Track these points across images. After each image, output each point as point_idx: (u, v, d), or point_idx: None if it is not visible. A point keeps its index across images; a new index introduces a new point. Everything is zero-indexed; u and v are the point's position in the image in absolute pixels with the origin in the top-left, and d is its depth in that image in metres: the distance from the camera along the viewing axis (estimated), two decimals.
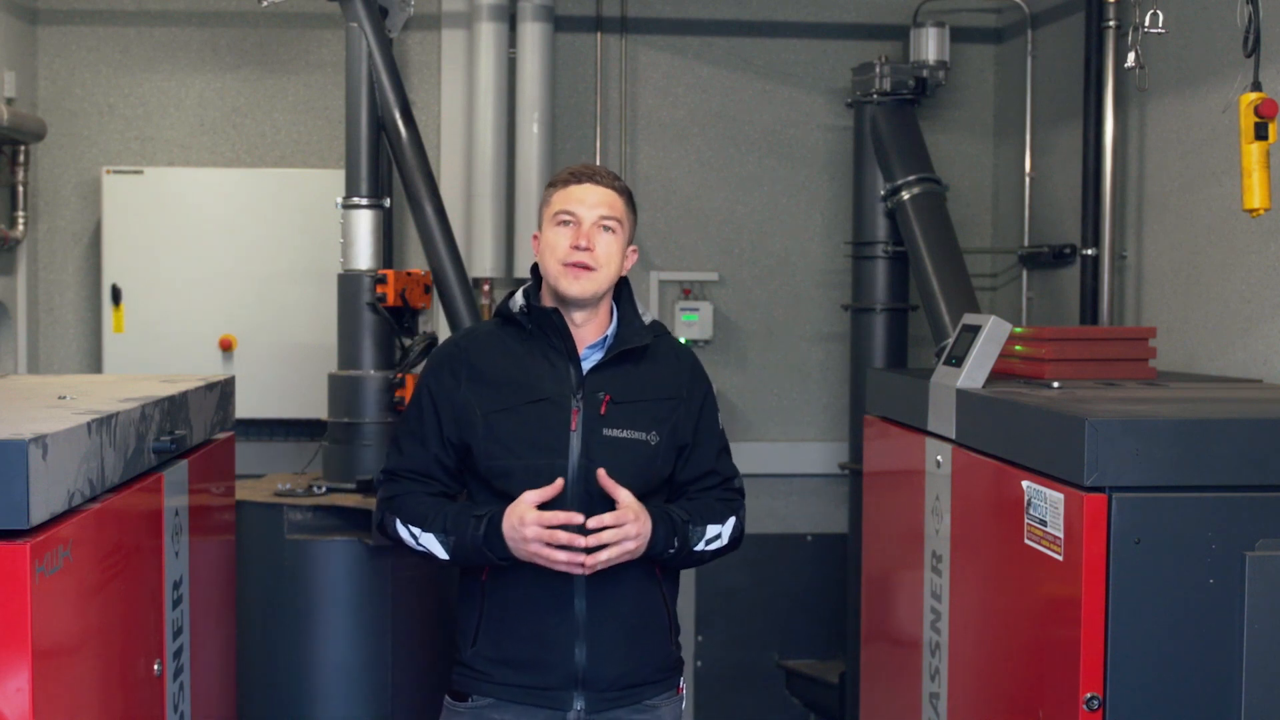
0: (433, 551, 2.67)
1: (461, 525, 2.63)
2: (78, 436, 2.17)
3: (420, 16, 5.13)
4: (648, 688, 2.76)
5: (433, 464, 2.74)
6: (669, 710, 2.81)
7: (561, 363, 2.72)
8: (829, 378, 5.55)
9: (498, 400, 2.69)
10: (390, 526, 2.74)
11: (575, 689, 2.68)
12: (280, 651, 4.05)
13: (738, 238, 5.52)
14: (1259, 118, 3.00)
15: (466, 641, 2.75)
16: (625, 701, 2.72)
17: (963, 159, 5.54)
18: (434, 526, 2.66)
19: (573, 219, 2.68)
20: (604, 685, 2.69)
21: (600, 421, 2.68)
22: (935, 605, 3.21)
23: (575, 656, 2.67)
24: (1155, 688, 2.42)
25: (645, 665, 2.75)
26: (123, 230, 5.08)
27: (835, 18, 5.51)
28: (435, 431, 2.73)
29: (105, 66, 5.28)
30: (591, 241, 2.67)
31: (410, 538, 2.69)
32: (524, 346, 2.74)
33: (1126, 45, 3.62)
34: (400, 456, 2.78)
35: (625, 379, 2.74)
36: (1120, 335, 3.68)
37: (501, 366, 2.73)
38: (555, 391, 2.69)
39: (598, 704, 2.69)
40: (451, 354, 2.78)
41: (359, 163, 4.26)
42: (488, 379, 2.72)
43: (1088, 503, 2.41)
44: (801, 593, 5.54)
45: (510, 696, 2.70)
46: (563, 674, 2.68)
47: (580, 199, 2.69)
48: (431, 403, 2.74)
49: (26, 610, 1.93)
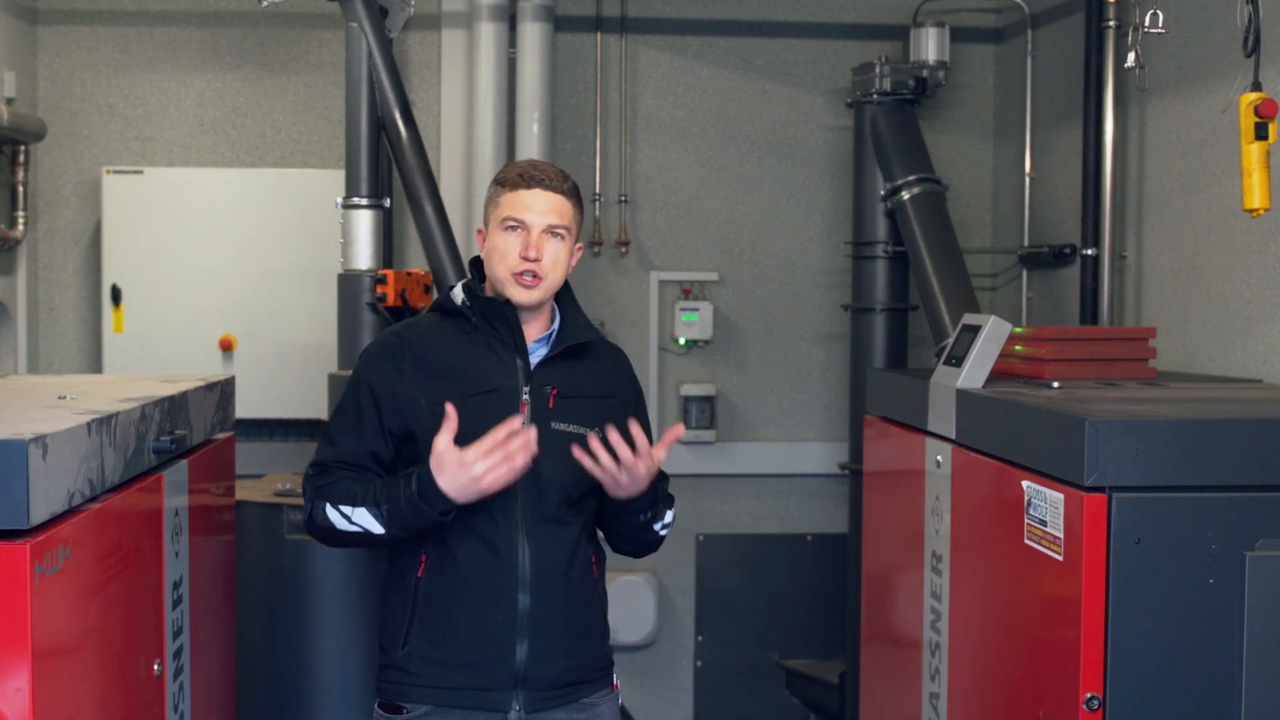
0: (367, 528, 2.58)
1: (392, 490, 2.56)
2: (78, 436, 2.18)
3: (420, 16, 5.13)
4: (584, 686, 2.72)
5: (365, 456, 2.66)
6: (608, 707, 2.78)
7: (508, 355, 2.69)
8: (829, 378, 5.55)
9: (444, 391, 2.63)
10: (320, 514, 2.63)
11: (514, 689, 2.63)
12: (280, 651, 4.05)
13: (738, 238, 5.52)
14: (1259, 118, 3.00)
15: (396, 642, 2.67)
16: (564, 700, 2.68)
17: (963, 159, 5.54)
18: (365, 501, 2.57)
19: (521, 225, 2.66)
20: (544, 684, 2.65)
21: (548, 414, 2.67)
22: (935, 605, 3.22)
23: (516, 655, 2.62)
24: (1155, 688, 2.42)
25: (584, 664, 2.72)
26: (123, 230, 5.08)
27: (835, 18, 5.51)
28: (374, 423, 2.66)
29: (105, 66, 5.28)
30: (540, 250, 2.66)
31: (342, 519, 2.59)
32: (468, 339, 2.70)
33: (1126, 45, 3.62)
34: (331, 449, 2.69)
35: (570, 374, 2.73)
36: (1120, 335, 3.68)
37: (446, 357, 2.68)
38: (503, 383, 2.67)
39: (536, 704, 2.65)
40: (392, 344, 2.72)
41: (359, 163, 4.26)
42: (432, 369, 2.67)
43: (1088, 503, 2.41)
44: (801, 593, 5.54)
45: (448, 700, 2.63)
46: (503, 673, 2.62)
47: (529, 205, 2.66)
48: (371, 395, 2.67)
49: (26, 610, 1.93)
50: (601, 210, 5.41)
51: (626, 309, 5.47)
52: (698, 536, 5.53)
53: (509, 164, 2.79)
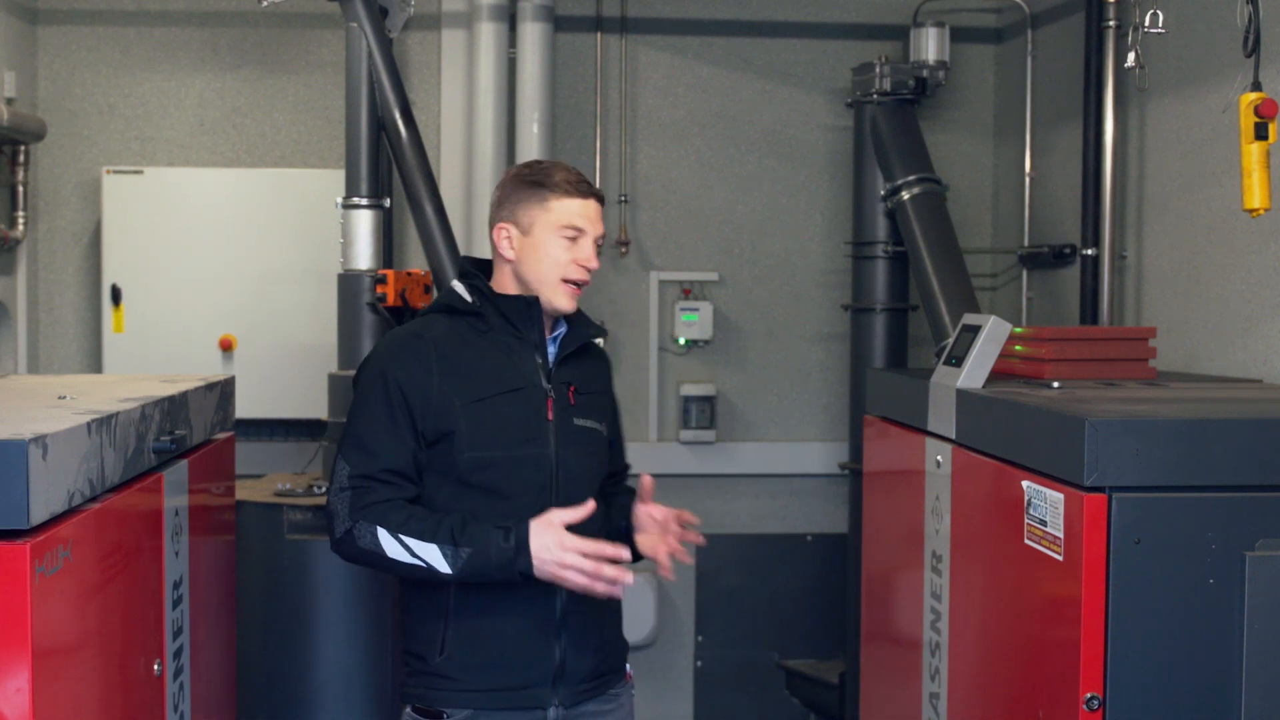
0: (433, 565, 2.51)
1: (480, 539, 2.50)
2: (78, 436, 2.17)
3: (420, 16, 5.13)
4: (611, 676, 2.76)
5: (410, 463, 2.60)
6: (626, 697, 2.83)
7: (527, 353, 2.69)
8: (829, 378, 5.55)
9: (474, 390, 2.62)
10: (366, 536, 2.54)
11: (554, 685, 2.64)
12: (280, 651, 4.05)
13: (738, 238, 5.53)
14: (1259, 118, 3.00)
15: (432, 649, 2.64)
16: (596, 693, 2.71)
17: (963, 159, 5.54)
18: (439, 538, 2.50)
19: (579, 235, 2.67)
20: (580, 677, 2.67)
21: (570, 411, 2.70)
22: (935, 605, 3.21)
23: (554, 650, 2.64)
24: (1155, 688, 2.42)
25: (612, 655, 2.76)
26: (123, 230, 5.08)
27: (835, 18, 5.51)
28: (409, 427, 2.60)
29: (105, 66, 5.28)
30: (595, 262, 2.70)
31: (401, 549, 2.52)
32: (484, 339, 2.69)
33: (1126, 45, 3.62)
34: (371, 457, 2.58)
35: (581, 371, 2.77)
36: (1120, 335, 3.68)
37: (469, 357, 2.66)
38: (528, 381, 2.68)
39: (573, 698, 2.67)
40: (413, 344, 2.66)
41: (359, 163, 4.26)
42: (460, 369, 2.64)
43: (1088, 503, 2.41)
44: (801, 593, 5.54)
45: (489, 703, 2.62)
46: (542, 670, 2.63)
47: (587, 215, 2.68)
48: (401, 395, 2.60)
49: (26, 610, 1.93)
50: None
51: (626, 309, 5.47)
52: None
53: (540, 164, 2.72)
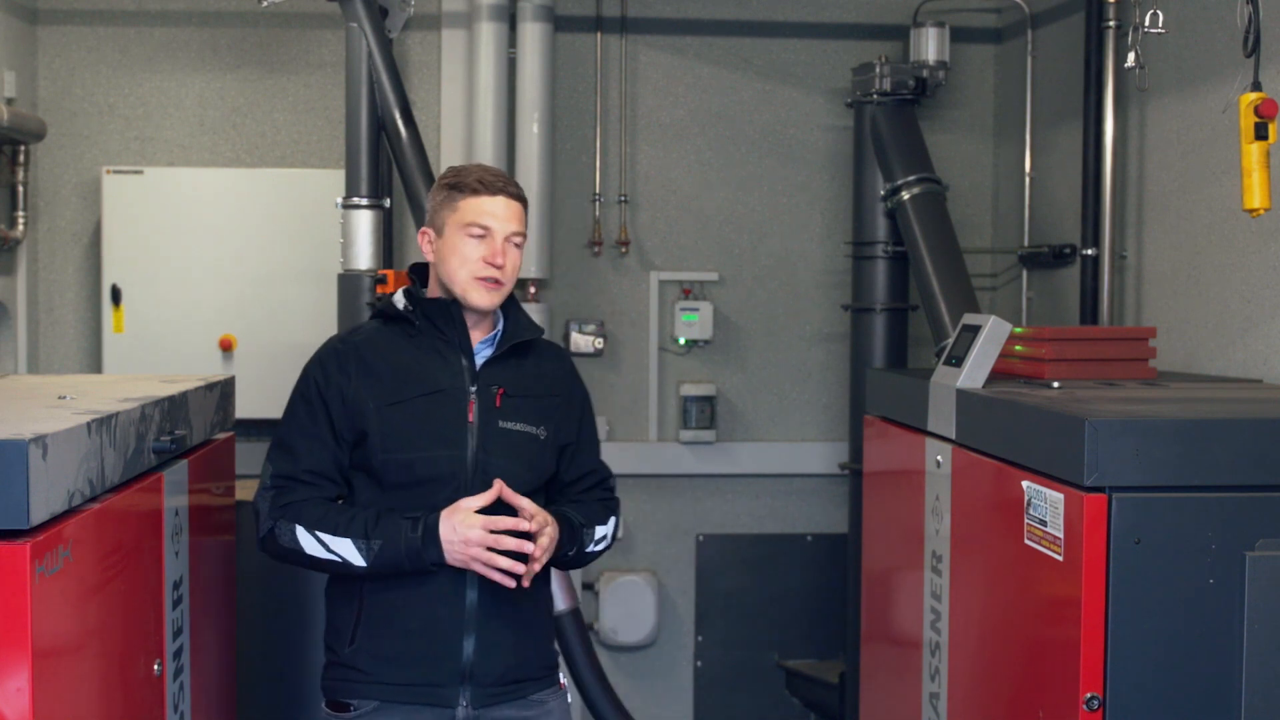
0: (347, 559, 2.60)
1: (389, 531, 2.58)
2: (78, 436, 2.18)
3: (420, 16, 5.13)
4: (531, 684, 2.76)
5: (332, 464, 2.69)
6: (558, 704, 2.82)
7: (454, 356, 2.72)
8: (829, 378, 5.55)
9: (391, 393, 2.68)
10: (285, 535, 2.63)
11: (462, 684, 2.66)
12: (280, 651, 4.05)
13: (738, 238, 5.53)
14: (1259, 118, 3.01)
15: (343, 640, 2.70)
16: (510, 696, 2.72)
17: (963, 159, 5.54)
18: (351, 532, 2.59)
19: (486, 233, 2.69)
20: (490, 680, 2.68)
21: (495, 414, 2.70)
22: (935, 605, 3.22)
23: (464, 650, 2.65)
24: (1155, 688, 2.42)
25: (530, 661, 2.76)
26: (123, 230, 5.08)
27: (835, 18, 5.51)
28: (329, 429, 2.68)
29: (105, 66, 5.28)
30: (504, 258, 2.70)
31: (317, 545, 2.61)
32: (412, 343, 2.74)
33: (1126, 45, 3.63)
34: (293, 459, 2.68)
35: (515, 373, 2.77)
36: (1120, 335, 3.68)
37: (392, 361, 2.72)
38: (450, 384, 2.70)
39: (483, 699, 2.68)
40: (337, 350, 2.76)
41: (359, 163, 4.26)
42: (378, 373, 2.70)
43: (1088, 503, 2.41)
44: (801, 593, 5.54)
45: (396, 696, 2.66)
46: (450, 668, 2.65)
47: (494, 213, 2.70)
48: (321, 399, 2.70)
49: (26, 610, 1.93)
50: (601, 210, 5.41)
51: (626, 309, 5.47)
52: (697, 536, 5.53)
53: (457, 168, 2.78)
